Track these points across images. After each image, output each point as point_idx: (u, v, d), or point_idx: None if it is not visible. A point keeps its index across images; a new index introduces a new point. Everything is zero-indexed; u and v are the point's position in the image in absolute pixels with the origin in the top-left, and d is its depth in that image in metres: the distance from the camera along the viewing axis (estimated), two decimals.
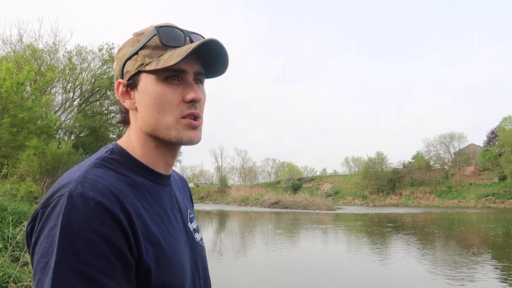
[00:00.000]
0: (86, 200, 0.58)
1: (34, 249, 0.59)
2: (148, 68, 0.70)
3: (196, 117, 0.73)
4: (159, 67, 0.68)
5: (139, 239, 0.62)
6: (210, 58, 0.74)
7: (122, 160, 0.72)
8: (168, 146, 0.76)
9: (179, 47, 0.70)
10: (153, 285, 0.63)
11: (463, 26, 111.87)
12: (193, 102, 0.72)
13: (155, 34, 0.71)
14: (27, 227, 0.63)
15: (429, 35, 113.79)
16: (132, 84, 0.73)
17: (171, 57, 0.68)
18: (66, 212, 0.57)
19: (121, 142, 0.77)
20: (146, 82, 0.71)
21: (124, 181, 0.67)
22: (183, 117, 0.71)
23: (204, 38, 0.76)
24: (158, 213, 0.71)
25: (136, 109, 0.74)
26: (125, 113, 0.78)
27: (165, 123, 0.71)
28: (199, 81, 0.75)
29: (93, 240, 0.56)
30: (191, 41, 0.73)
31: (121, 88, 0.74)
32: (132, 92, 0.74)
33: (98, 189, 0.60)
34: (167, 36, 0.71)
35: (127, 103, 0.75)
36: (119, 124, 0.80)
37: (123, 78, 0.74)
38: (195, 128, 0.73)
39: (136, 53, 0.72)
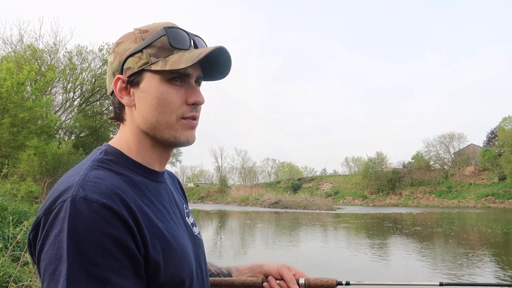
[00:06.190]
0: (90, 203, 0.58)
1: (40, 256, 0.58)
2: (154, 67, 0.70)
3: (195, 118, 0.75)
4: (167, 68, 0.69)
5: (145, 236, 0.63)
6: (213, 64, 0.76)
7: (118, 160, 0.72)
8: (165, 146, 0.76)
9: (185, 49, 0.72)
10: (162, 279, 0.65)
11: (463, 26, 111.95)
12: (195, 105, 0.74)
13: (164, 35, 0.71)
14: (29, 235, 0.62)
15: (429, 35, 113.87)
16: (133, 81, 0.72)
17: (180, 60, 0.69)
18: (70, 217, 0.57)
19: (113, 142, 0.76)
20: (150, 81, 0.71)
21: (124, 180, 0.68)
22: (183, 118, 0.73)
23: (203, 40, 0.78)
24: (159, 209, 0.72)
25: (134, 106, 0.73)
26: (119, 109, 0.77)
27: (165, 123, 0.72)
28: (197, 83, 0.76)
29: (101, 242, 0.56)
30: (195, 45, 0.75)
31: (119, 84, 0.73)
32: (131, 89, 0.73)
33: (101, 190, 0.60)
34: (175, 38, 0.72)
35: (125, 100, 0.74)
36: (112, 120, 0.79)
37: (122, 74, 0.73)
38: (193, 128, 0.75)
39: (141, 51, 0.71)
